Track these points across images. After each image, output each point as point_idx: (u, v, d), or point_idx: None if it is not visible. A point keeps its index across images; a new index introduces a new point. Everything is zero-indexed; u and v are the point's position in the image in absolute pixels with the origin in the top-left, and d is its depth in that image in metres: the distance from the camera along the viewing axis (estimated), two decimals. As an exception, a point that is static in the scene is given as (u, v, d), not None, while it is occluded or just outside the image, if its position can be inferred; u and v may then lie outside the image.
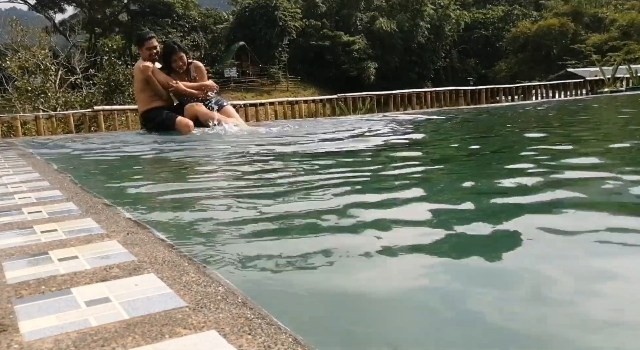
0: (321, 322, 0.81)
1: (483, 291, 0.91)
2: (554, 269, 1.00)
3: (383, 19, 42.37)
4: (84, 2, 38.63)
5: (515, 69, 41.13)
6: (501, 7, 49.07)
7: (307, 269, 1.05)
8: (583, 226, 1.28)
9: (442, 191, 1.93)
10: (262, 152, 3.66)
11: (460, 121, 6.15)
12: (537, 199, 1.60)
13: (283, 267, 1.05)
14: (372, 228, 1.32)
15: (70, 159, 3.87)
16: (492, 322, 0.79)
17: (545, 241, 1.18)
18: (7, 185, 2.08)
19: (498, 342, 0.73)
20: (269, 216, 1.48)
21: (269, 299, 0.88)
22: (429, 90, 11.15)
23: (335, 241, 1.21)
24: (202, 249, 1.17)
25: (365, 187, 1.99)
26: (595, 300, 0.86)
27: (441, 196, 1.83)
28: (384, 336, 0.75)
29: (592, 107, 7.56)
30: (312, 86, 40.11)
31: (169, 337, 0.67)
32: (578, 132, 4.30)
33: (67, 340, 0.68)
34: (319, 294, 0.92)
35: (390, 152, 3.32)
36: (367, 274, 1.01)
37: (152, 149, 4.30)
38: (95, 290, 0.86)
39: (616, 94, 10.18)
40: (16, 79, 12.78)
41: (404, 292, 0.91)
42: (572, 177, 1.98)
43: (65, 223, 1.34)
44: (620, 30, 38.61)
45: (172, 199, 1.89)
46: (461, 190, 1.85)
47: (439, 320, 0.80)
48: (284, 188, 1.99)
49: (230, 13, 44.07)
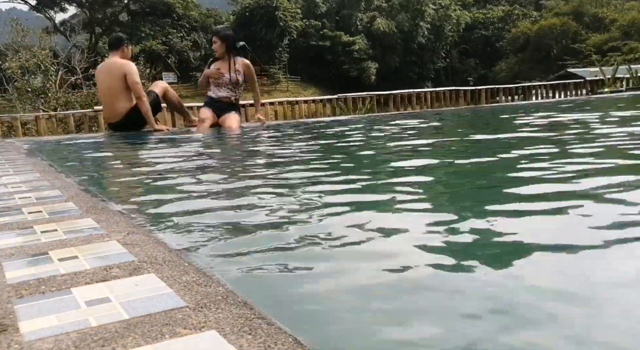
0: (322, 322, 0.81)
1: (483, 291, 0.91)
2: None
3: (383, 19, 42.38)
4: (85, 2, 38.64)
5: (515, 69, 41.17)
6: (501, 7, 49.10)
7: (308, 269, 1.05)
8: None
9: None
10: (261, 153, 3.67)
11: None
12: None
13: (284, 267, 1.05)
14: (372, 227, 1.31)
15: (70, 159, 3.87)
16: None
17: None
18: (7, 185, 2.08)
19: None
20: (269, 216, 1.48)
21: (269, 299, 0.88)
22: (429, 90, 11.14)
23: (336, 241, 1.21)
24: (202, 248, 1.17)
25: (365, 187, 1.99)
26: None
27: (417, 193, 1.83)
28: (385, 336, 0.75)
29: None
30: (312, 86, 40.15)
31: (169, 337, 0.67)
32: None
33: (67, 340, 0.68)
34: (319, 294, 0.92)
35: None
36: (367, 274, 1.01)
37: (152, 148, 4.30)
38: (95, 290, 0.86)
39: (616, 94, 10.18)
40: (16, 79, 12.79)
41: (407, 292, 0.91)
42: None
43: (65, 223, 1.34)
44: (621, 30, 38.63)
45: (172, 199, 1.89)
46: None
47: (447, 323, 0.80)
48: (283, 188, 1.99)
49: (231, 13, 44.08)
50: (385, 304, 0.87)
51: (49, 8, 39.04)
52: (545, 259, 1.07)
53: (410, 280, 0.98)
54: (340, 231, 1.30)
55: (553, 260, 1.06)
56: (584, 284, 0.93)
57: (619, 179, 1.85)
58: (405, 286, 0.95)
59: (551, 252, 1.11)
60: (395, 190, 1.86)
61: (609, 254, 1.08)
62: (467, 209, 1.55)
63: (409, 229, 1.33)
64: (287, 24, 38.98)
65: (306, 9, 42.11)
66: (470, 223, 1.34)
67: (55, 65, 13.52)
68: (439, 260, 1.08)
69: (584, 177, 1.93)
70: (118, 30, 40.31)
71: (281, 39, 39.42)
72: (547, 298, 0.85)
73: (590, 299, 0.86)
